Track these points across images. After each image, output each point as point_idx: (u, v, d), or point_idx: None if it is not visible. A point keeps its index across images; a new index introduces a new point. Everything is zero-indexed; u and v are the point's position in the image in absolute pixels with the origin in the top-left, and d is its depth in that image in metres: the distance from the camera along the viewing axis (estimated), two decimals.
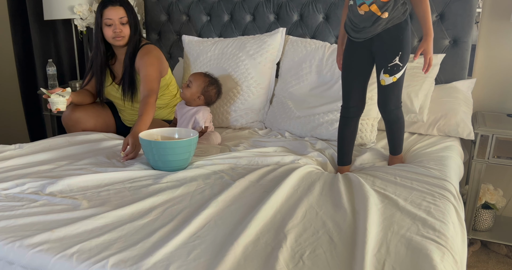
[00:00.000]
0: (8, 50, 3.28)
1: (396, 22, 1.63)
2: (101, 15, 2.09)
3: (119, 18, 2.09)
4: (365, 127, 2.04)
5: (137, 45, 2.18)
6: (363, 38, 1.68)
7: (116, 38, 2.11)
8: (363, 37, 1.68)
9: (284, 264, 1.03)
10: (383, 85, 1.70)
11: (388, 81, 1.68)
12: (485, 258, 2.22)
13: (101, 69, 2.20)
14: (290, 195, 1.41)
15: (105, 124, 2.31)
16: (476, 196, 2.12)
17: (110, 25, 2.09)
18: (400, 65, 1.65)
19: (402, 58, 1.65)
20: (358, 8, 1.64)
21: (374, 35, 1.66)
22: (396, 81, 1.68)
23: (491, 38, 2.31)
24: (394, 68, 1.66)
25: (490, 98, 2.38)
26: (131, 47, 2.16)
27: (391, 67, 1.66)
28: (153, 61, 2.12)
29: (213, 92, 2.12)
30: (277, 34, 2.42)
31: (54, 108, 1.97)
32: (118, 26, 2.10)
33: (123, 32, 2.11)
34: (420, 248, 1.10)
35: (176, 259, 1.04)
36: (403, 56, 1.65)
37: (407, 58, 1.67)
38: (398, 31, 1.64)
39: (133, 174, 1.57)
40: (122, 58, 2.21)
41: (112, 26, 2.09)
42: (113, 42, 2.13)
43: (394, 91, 1.71)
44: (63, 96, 1.98)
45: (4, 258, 1.11)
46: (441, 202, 1.38)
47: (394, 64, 1.65)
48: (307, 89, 2.26)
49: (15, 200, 1.35)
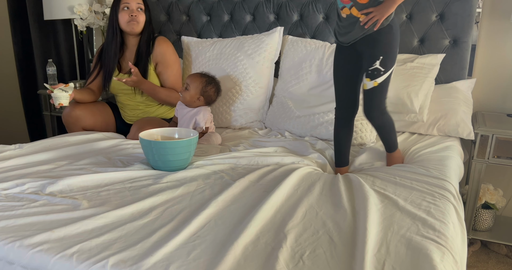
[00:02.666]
0: (8, 50, 3.28)
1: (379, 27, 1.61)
2: (119, 1, 2.19)
3: (136, 3, 2.21)
4: (365, 127, 2.04)
5: (151, 35, 2.27)
6: (347, 42, 1.69)
7: (132, 22, 2.18)
8: (347, 41, 1.69)
9: (284, 264, 1.03)
10: (364, 89, 1.70)
11: (369, 85, 1.67)
12: (485, 258, 2.22)
13: (114, 58, 2.25)
14: (290, 195, 1.41)
15: (104, 123, 2.32)
16: (476, 196, 2.12)
17: (127, 8, 2.18)
18: (381, 69, 1.64)
19: (383, 62, 1.63)
20: (341, 11, 1.65)
21: (357, 39, 1.66)
22: (377, 86, 1.66)
23: (491, 38, 2.31)
24: (374, 72, 1.65)
25: (490, 98, 2.38)
26: (145, 35, 2.25)
27: (372, 71, 1.65)
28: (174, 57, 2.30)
29: (212, 91, 2.11)
30: (274, 33, 2.42)
31: (57, 103, 1.98)
32: (135, 11, 2.20)
33: (139, 17, 2.20)
34: (420, 248, 1.10)
35: (176, 259, 1.04)
36: (385, 61, 1.63)
37: (390, 64, 1.65)
38: (380, 35, 1.63)
39: (133, 174, 1.57)
40: (133, 48, 2.27)
41: (129, 10, 2.19)
42: (127, 27, 2.20)
43: (376, 96, 1.69)
44: (66, 91, 1.99)
45: (4, 258, 1.11)
46: (441, 202, 1.38)
47: (374, 68, 1.64)
48: (307, 88, 2.26)
49: (15, 200, 1.35)
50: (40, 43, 2.99)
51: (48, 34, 3.03)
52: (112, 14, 2.23)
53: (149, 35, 2.26)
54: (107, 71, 2.26)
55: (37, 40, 2.97)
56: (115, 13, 2.21)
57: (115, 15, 2.21)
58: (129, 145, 1.93)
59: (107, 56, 2.25)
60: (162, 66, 2.24)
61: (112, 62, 2.24)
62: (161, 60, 2.21)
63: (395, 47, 1.67)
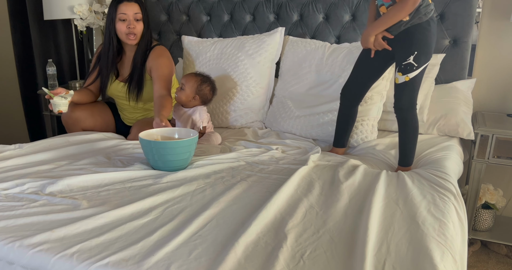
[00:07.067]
0: (8, 50, 3.28)
1: (417, 22, 1.63)
2: (115, 9, 2.09)
3: (134, 13, 2.10)
4: (365, 127, 2.04)
5: (148, 44, 2.19)
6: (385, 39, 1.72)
7: (129, 35, 2.11)
8: (387, 36, 1.71)
9: (285, 264, 1.03)
10: (396, 83, 1.71)
11: (401, 79, 1.69)
12: (485, 258, 2.22)
13: (112, 65, 2.20)
14: (290, 195, 1.41)
15: (104, 124, 2.31)
16: (476, 196, 2.12)
17: (124, 20, 2.09)
18: (415, 65, 1.65)
19: (417, 58, 1.65)
20: (379, 8, 1.66)
21: (395, 34, 1.68)
22: (408, 80, 1.67)
23: (491, 38, 2.31)
24: (407, 67, 1.66)
25: (490, 98, 2.38)
26: (143, 44, 2.17)
27: (405, 66, 1.67)
28: (167, 63, 2.16)
29: (207, 90, 2.11)
30: (276, 34, 2.42)
31: (56, 110, 1.98)
32: (133, 22, 2.10)
33: (136, 28, 2.12)
34: (420, 248, 1.10)
35: (177, 259, 1.04)
36: (419, 56, 1.65)
37: (424, 60, 1.66)
38: (417, 31, 1.65)
39: (133, 174, 1.56)
40: (131, 55, 2.22)
41: (126, 21, 2.10)
42: (125, 38, 2.13)
43: (406, 91, 1.70)
44: (65, 98, 1.98)
45: (4, 258, 1.11)
46: (441, 201, 1.38)
47: (407, 63, 1.66)
48: (307, 88, 2.26)
49: (15, 200, 1.35)
50: (40, 43, 2.99)
51: (48, 34, 3.03)
52: (108, 22, 2.12)
53: (146, 44, 2.18)
54: (104, 77, 2.23)
55: (37, 40, 2.97)
56: (112, 21, 2.12)
57: (111, 24, 2.12)
58: (129, 145, 1.93)
59: (104, 62, 2.21)
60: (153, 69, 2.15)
61: (109, 69, 2.20)
62: (152, 67, 2.14)
63: (430, 43, 1.68)
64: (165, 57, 2.17)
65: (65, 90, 2.01)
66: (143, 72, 2.18)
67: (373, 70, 1.84)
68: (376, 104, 2.06)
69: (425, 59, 1.67)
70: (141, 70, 2.17)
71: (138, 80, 2.17)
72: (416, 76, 1.67)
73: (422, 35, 1.65)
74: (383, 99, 2.08)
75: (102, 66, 2.23)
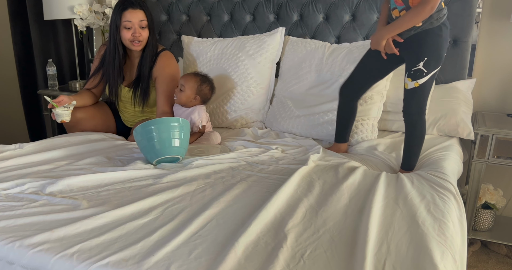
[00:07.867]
0: (8, 50, 3.28)
1: (428, 27, 1.60)
2: (120, 17, 2.04)
3: (139, 21, 2.05)
4: (365, 127, 2.04)
5: (154, 49, 2.15)
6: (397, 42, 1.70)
7: (134, 43, 2.07)
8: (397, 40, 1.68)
9: (285, 263, 1.03)
10: (405, 88, 1.69)
11: (411, 85, 1.66)
12: (485, 258, 2.22)
13: (118, 72, 2.15)
14: (290, 195, 1.41)
15: (105, 125, 2.31)
16: (476, 196, 2.12)
17: (130, 28, 2.05)
18: (424, 71, 1.62)
19: (427, 64, 1.61)
20: (392, 11, 1.64)
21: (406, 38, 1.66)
22: (418, 86, 1.64)
23: (491, 38, 2.31)
24: (417, 73, 1.63)
25: (490, 98, 2.38)
26: (149, 51, 2.13)
27: (414, 72, 1.64)
28: (174, 74, 2.15)
29: (207, 90, 2.11)
30: (276, 34, 2.42)
31: (59, 120, 1.98)
32: (138, 29, 2.06)
33: (142, 36, 2.07)
34: (420, 247, 1.10)
35: (177, 259, 1.04)
36: (429, 62, 1.61)
37: (434, 65, 1.63)
38: (428, 36, 1.61)
39: (133, 174, 1.56)
40: (136, 60, 2.19)
41: (131, 29, 2.05)
42: (130, 45, 2.09)
43: (415, 97, 1.67)
44: (68, 107, 1.98)
45: (4, 258, 1.11)
46: (441, 201, 1.38)
47: (417, 69, 1.63)
48: (307, 88, 2.26)
49: (15, 200, 1.35)
50: (40, 43, 2.99)
51: (48, 34, 3.03)
52: (113, 30, 2.07)
53: (152, 50, 2.14)
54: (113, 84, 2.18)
55: (37, 40, 2.97)
56: (117, 29, 2.06)
57: (116, 32, 2.07)
58: (130, 145, 1.94)
59: (109, 68, 2.16)
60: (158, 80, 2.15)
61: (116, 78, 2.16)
62: (158, 76, 2.13)
63: (442, 49, 1.64)
64: (172, 68, 2.16)
65: (68, 99, 1.99)
66: (149, 78, 2.16)
67: (379, 70, 1.82)
68: (376, 104, 2.06)
69: (435, 65, 1.63)
70: (148, 76, 2.14)
71: (145, 87, 2.16)
72: (426, 82, 1.64)
73: (433, 41, 1.61)
74: (383, 99, 2.09)
75: (107, 73, 2.18)
